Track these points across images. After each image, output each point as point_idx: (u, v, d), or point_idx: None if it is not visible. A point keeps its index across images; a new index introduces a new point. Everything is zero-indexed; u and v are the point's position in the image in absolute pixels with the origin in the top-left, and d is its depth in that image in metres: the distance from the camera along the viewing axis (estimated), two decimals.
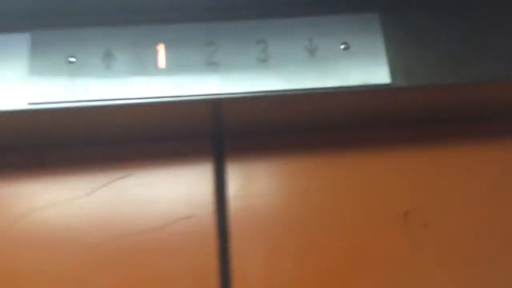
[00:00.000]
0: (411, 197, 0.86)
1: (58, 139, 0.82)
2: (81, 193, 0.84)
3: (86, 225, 0.82)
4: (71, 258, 0.80)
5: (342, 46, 0.78)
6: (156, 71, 0.74)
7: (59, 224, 0.82)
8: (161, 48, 0.75)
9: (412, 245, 0.83)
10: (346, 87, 0.75)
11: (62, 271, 0.79)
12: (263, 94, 0.74)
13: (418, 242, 0.83)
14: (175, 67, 0.74)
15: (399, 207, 0.86)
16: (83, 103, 0.71)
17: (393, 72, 0.76)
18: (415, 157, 0.88)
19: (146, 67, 0.74)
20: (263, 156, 0.89)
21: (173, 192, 0.86)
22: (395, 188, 0.87)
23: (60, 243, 0.81)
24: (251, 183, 0.87)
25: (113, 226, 0.83)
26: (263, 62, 0.76)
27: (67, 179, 0.84)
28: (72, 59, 0.73)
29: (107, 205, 0.84)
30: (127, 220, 0.83)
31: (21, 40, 0.73)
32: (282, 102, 0.77)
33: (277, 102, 0.78)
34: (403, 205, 0.86)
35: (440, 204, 0.85)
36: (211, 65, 0.75)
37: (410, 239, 0.83)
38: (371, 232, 0.84)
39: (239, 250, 0.82)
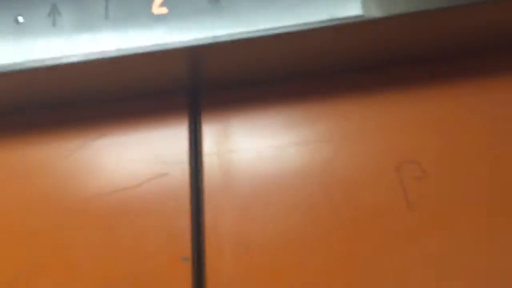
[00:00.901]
0: (403, 146, 0.75)
1: (24, 102, 0.82)
2: (59, 155, 0.85)
3: (66, 185, 0.83)
4: (52, 216, 0.81)
5: None
6: (103, 23, 0.70)
7: (41, 185, 0.84)
8: None
9: (406, 199, 0.74)
10: (312, 24, 0.65)
11: (42, 227, 0.81)
12: (214, 40, 0.67)
13: (412, 196, 0.73)
14: (120, 15, 0.69)
15: (391, 158, 0.76)
16: (34, 64, 0.69)
17: (365, 2, 0.64)
18: (406, 101, 0.75)
19: (93, 20, 0.70)
20: (240, 109, 0.82)
21: (147, 150, 0.83)
22: (386, 138, 0.76)
23: (41, 201, 0.83)
24: (227, 138, 0.82)
25: (90, 186, 0.82)
26: (215, 3, 0.68)
27: (47, 142, 0.85)
28: (20, 19, 0.71)
29: (84, 166, 0.84)
30: (103, 180, 0.82)
31: None
32: (242, 47, 0.69)
33: (237, 48, 0.70)
34: (395, 156, 0.76)
35: (437, 153, 0.74)
36: (158, 15, 0.69)
37: (405, 193, 0.74)
38: (360, 187, 0.75)
39: (213, 208, 0.78)
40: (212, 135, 0.83)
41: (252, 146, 0.81)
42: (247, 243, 0.76)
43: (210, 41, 0.67)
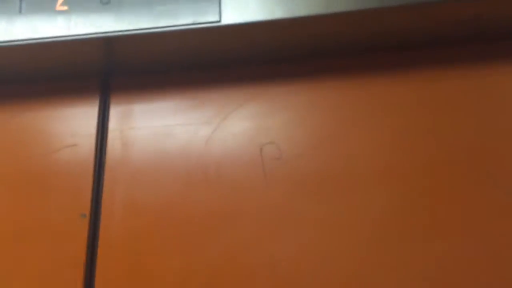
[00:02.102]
0: (267, 131, 0.90)
1: None
2: None
3: None
4: None
5: None
6: (17, 15, 0.85)
7: None
8: None
9: (264, 174, 0.89)
10: (179, 26, 0.80)
11: None
12: (104, 35, 0.82)
13: (270, 172, 0.88)
14: (31, 11, 0.84)
15: (257, 140, 0.91)
16: None
17: (223, 10, 0.79)
18: (269, 95, 0.91)
19: (9, 14, 0.85)
20: (142, 93, 0.98)
21: (63, 124, 0.98)
22: (254, 123, 0.91)
23: None
24: (129, 117, 0.97)
25: (15, 152, 0.98)
26: (106, 4, 0.83)
27: None
28: None
29: (11, 135, 0.99)
30: (26, 147, 0.98)
31: None
32: (129, 41, 0.84)
33: (125, 42, 0.85)
34: (260, 139, 0.91)
35: (292, 138, 0.89)
36: (61, 11, 0.84)
37: (263, 169, 0.89)
38: (230, 163, 0.90)
39: (112, 174, 0.94)
40: (117, 114, 0.98)
41: (148, 125, 0.96)
42: (137, 204, 0.92)
43: (101, 35, 0.82)
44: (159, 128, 0.95)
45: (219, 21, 0.78)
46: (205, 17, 0.79)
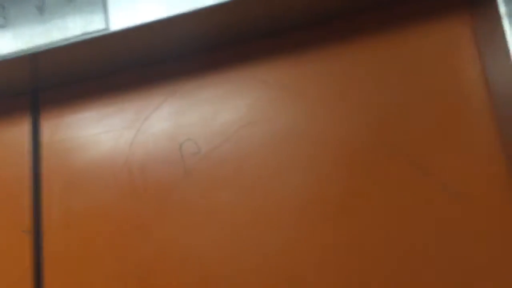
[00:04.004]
0: (185, 129, 0.90)
1: None
2: None
3: None
4: None
5: None
6: None
7: None
8: None
9: (184, 170, 0.89)
10: (68, 39, 0.80)
11: None
12: (3, 58, 0.83)
13: (189, 168, 0.89)
14: None
15: (176, 138, 0.91)
16: None
17: (109, 18, 0.78)
18: (183, 93, 0.91)
19: None
20: (67, 106, 0.99)
21: None
22: (172, 122, 0.91)
23: None
24: (60, 130, 0.99)
25: None
26: (3, 27, 0.84)
27: None
28: None
29: None
30: None
31: None
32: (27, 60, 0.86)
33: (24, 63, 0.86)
34: (179, 136, 0.91)
35: (209, 134, 0.88)
36: None
37: (183, 165, 0.89)
38: (153, 163, 0.91)
39: (49, 187, 0.96)
40: (49, 128, 1.00)
41: (77, 135, 0.98)
42: (74, 215, 0.94)
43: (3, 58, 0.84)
44: (87, 137, 0.97)
45: (107, 29, 0.78)
46: (93, 26, 0.79)
